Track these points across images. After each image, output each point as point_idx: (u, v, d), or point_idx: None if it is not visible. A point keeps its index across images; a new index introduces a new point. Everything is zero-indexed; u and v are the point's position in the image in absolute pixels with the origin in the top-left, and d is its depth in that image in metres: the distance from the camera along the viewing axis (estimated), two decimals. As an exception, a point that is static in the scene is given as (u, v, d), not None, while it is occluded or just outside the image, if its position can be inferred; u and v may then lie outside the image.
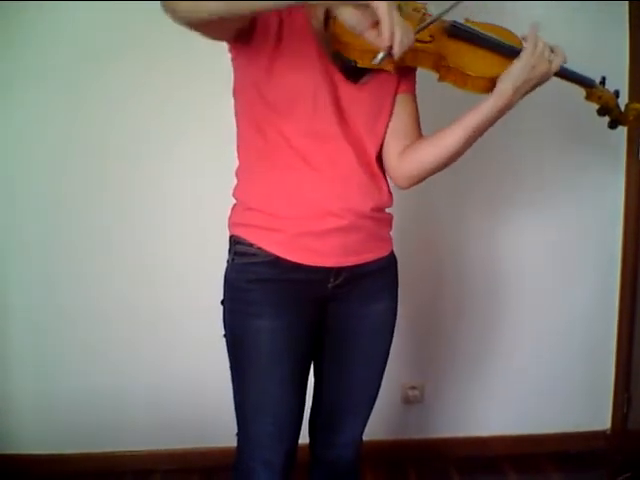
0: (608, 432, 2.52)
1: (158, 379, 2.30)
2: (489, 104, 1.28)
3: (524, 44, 1.27)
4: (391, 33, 1.02)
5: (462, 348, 2.42)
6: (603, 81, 1.39)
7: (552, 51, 1.28)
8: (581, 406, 2.50)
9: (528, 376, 2.45)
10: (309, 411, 1.56)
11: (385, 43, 1.04)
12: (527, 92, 1.28)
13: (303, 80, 1.27)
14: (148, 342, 2.27)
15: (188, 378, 2.28)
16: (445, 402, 2.45)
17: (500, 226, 2.36)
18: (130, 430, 2.33)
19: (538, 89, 1.30)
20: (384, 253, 1.45)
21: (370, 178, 1.36)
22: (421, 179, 1.42)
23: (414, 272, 2.30)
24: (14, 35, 2.06)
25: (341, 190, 1.32)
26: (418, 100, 1.44)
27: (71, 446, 2.31)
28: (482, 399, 2.46)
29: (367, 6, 1.01)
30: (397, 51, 1.05)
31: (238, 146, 1.40)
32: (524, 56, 1.25)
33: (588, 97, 1.39)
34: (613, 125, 1.42)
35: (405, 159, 1.39)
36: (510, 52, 1.29)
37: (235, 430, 1.46)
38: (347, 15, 1.05)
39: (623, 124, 1.42)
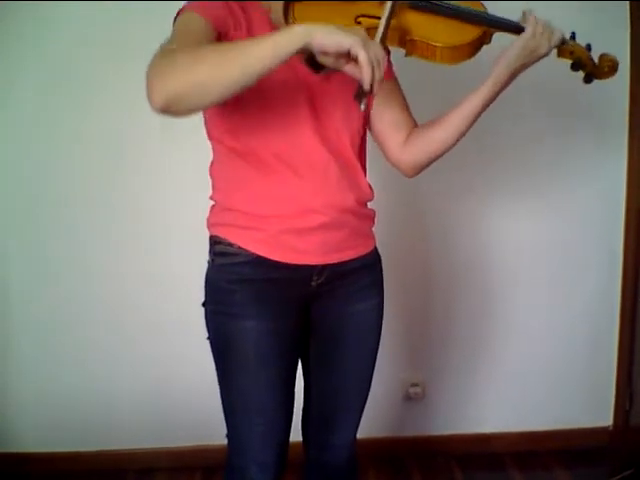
0: (610, 428, 2.51)
1: (160, 377, 2.30)
2: (486, 88, 1.30)
3: (525, 27, 1.26)
4: (372, 78, 1.04)
5: (463, 345, 2.42)
6: (573, 36, 1.36)
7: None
8: (583, 403, 2.50)
9: (530, 372, 2.45)
10: (301, 412, 1.56)
11: (366, 87, 1.05)
12: (522, 71, 1.30)
13: (269, 79, 1.24)
14: (149, 340, 2.28)
15: (190, 375, 2.27)
16: (447, 399, 2.45)
17: (497, 217, 2.35)
18: (132, 428, 2.33)
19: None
20: (367, 250, 1.44)
21: (348, 172, 1.35)
22: (428, 165, 1.44)
23: (411, 269, 2.31)
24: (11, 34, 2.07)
25: (320, 186, 1.31)
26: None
27: (73, 444, 2.32)
28: (484, 396, 2.46)
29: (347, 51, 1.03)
30: (377, 89, 1.07)
31: (213, 150, 1.38)
32: (522, 40, 1.26)
33: (560, 54, 1.35)
34: (588, 79, 1.39)
35: (410, 149, 1.41)
36: (475, 19, 1.28)
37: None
38: (327, 49, 1.05)
39: (598, 77, 1.38)
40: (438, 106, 1.41)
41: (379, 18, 1.21)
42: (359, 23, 1.24)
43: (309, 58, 1.28)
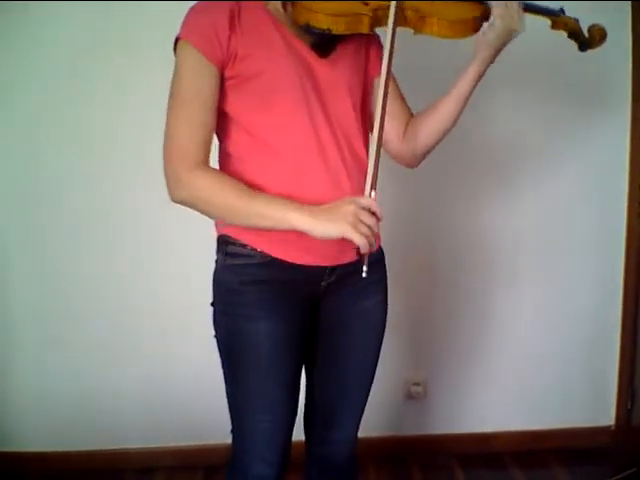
0: (612, 428, 2.51)
1: (161, 376, 2.30)
2: (474, 71, 1.34)
3: (493, 12, 1.29)
4: (369, 244, 1.15)
5: (465, 343, 2.41)
6: (562, 11, 1.44)
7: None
8: (585, 402, 2.50)
9: (532, 371, 2.45)
10: (303, 409, 1.55)
11: (365, 251, 1.17)
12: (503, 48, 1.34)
13: (275, 72, 1.26)
14: (150, 339, 2.28)
15: (191, 374, 2.28)
16: (448, 398, 2.45)
17: (499, 217, 2.35)
18: (133, 427, 2.34)
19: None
20: (374, 248, 1.44)
21: (358, 165, 1.35)
22: (428, 153, 1.47)
23: (413, 268, 2.30)
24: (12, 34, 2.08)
25: (332, 187, 1.31)
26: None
27: (73, 444, 2.32)
28: (485, 395, 2.45)
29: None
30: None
31: (221, 148, 1.37)
32: (497, 25, 1.28)
33: (554, 26, 1.42)
34: (583, 48, 1.46)
35: (408, 140, 1.44)
36: None
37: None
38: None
39: (591, 46, 1.46)
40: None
41: None
42: (367, 5, 1.25)
43: (316, 43, 1.28)
